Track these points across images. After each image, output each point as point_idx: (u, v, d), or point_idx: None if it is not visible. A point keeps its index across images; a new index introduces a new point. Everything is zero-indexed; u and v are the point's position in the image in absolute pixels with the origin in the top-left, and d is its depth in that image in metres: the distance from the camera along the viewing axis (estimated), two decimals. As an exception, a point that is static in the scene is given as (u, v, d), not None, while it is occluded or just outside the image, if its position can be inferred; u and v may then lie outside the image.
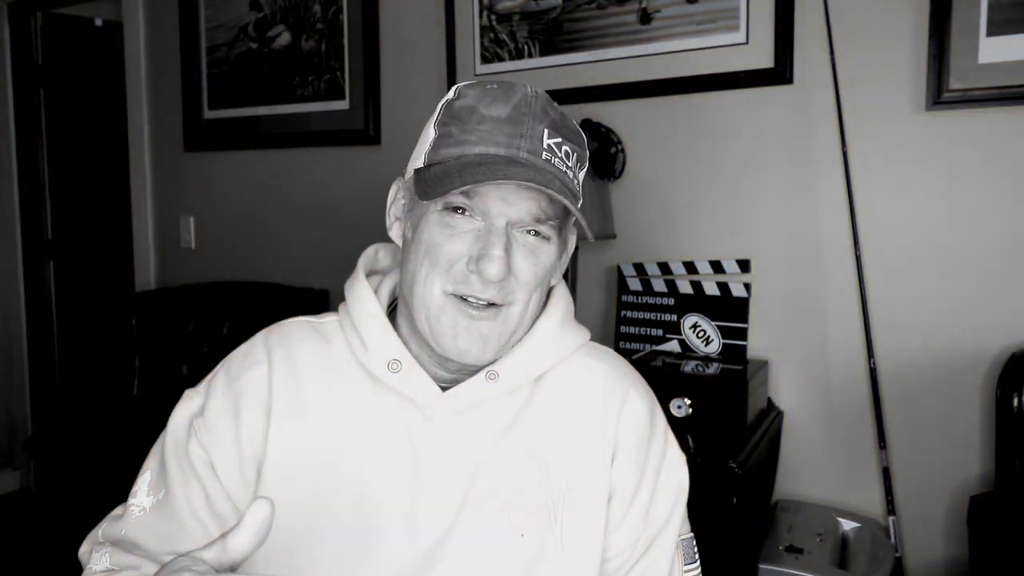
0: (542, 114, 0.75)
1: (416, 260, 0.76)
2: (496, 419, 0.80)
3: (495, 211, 0.73)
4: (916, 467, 1.69)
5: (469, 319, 0.75)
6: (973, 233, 1.61)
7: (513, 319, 0.77)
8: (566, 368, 0.84)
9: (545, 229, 0.76)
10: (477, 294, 0.74)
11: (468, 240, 0.74)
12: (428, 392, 0.79)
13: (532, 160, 0.73)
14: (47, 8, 3.26)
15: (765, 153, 1.80)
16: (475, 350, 0.75)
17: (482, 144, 0.73)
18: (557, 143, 0.75)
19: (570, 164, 0.77)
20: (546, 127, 0.75)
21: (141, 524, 0.79)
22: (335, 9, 2.39)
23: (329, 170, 2.47)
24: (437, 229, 0.75)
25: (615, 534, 0.82)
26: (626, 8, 1.91)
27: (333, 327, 0.85)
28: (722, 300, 1.78)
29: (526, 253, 0.75)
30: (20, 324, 3.38)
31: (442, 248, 0.74)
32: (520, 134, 0.74)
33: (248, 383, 0.80)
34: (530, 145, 0.74)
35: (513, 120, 0.74)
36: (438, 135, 0.77)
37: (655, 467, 0.84)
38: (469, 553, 0.76)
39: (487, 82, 0.78)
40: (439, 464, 0.78)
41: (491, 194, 0.73)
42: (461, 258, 0.74)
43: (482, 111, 0.75)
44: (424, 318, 0.76)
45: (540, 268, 0.77)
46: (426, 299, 0.76)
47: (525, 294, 0.77)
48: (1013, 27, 1.53)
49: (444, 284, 0.75)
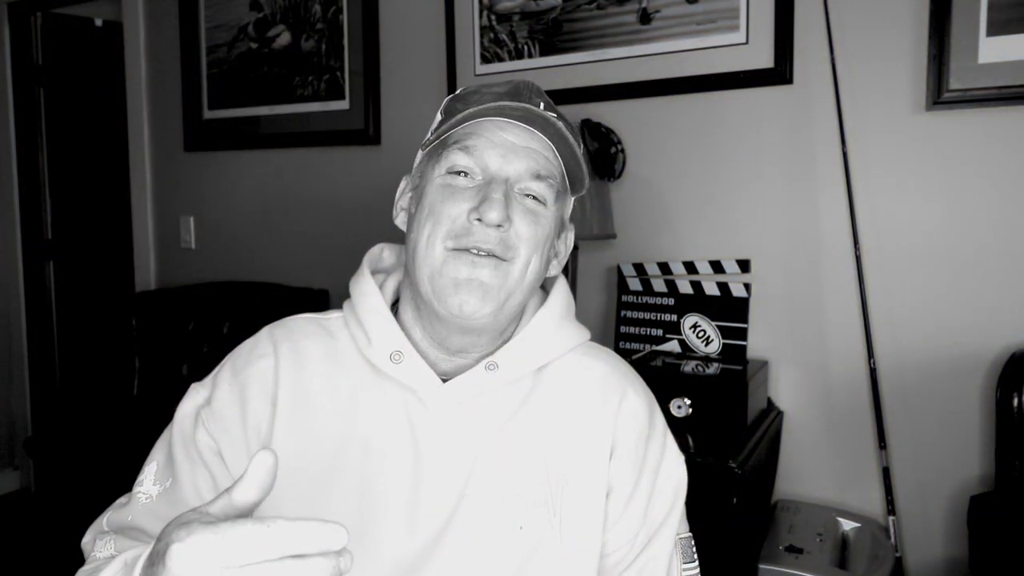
0: (538, 95, 0.81)
1: (420, 225, 0.79)
2: (496, 411, 0.82)
3: (494, 167, 0.77)
4: (916, 467, 1.69)
5: (471, 267, 0.76)
6: (973, 233, 1.61)
7: (514, 275, 0.78)
8: (566, 364, 0.86)
9: (543, 189, 0.79)
10: (479, 243, 0.76)
11: (470, 195, 0.77)
12: (429, 382, 0.80)
13: (529, 109, 0.78)
14: (47, 8, 3.26)
15: (765, 153, 1.80)
16: (474, 300, 0.76)
17: (483, 105, 0.79)
18: (553, 117, 0.80)
19: (565, 133, 0.81)
20: (542, 102, 0.81)
21: (148, 511, 0.79)
22: (335, 9, 2.39)
23: (329, 170, 2.47)
24: (439, 191, 0.78)
25: (613, 530, 0.83)
26: (626, 8, 1.91)
27: (337, 323, 0.87)
28: (722, 300, 1.78)
29: (524, 212, 0.78)
30: (20, 324, 3.38)
31: (444, 204, 0.77)
32: (519, 100, 0.79)
33: (254, 374, 0.82)
34: (528, 106, 0.79)
35: (513, 94, 0.80)
36: (443, 116, 0.83)
37: (653, 465, 0.85)
38: (468, 544, 0.77)
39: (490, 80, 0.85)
40: (440, 454, 0.79)
41: (490, 152, 0.77)
42: (463, 213, 0.77)
43: (484, 91, 0.81)
44: (427, 278, 0.78)
45: (539, 228, 0.79)
46: (430, 259, 0.77)
47: (526, 250, 0.78)
48: (1013, 27, 1.53)
49: (446, 241, 0.77)
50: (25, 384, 3.39)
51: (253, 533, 0.46)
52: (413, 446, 0.79)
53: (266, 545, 0.46)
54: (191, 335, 2.52)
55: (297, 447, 0.79)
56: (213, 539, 0.46)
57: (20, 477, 3.43)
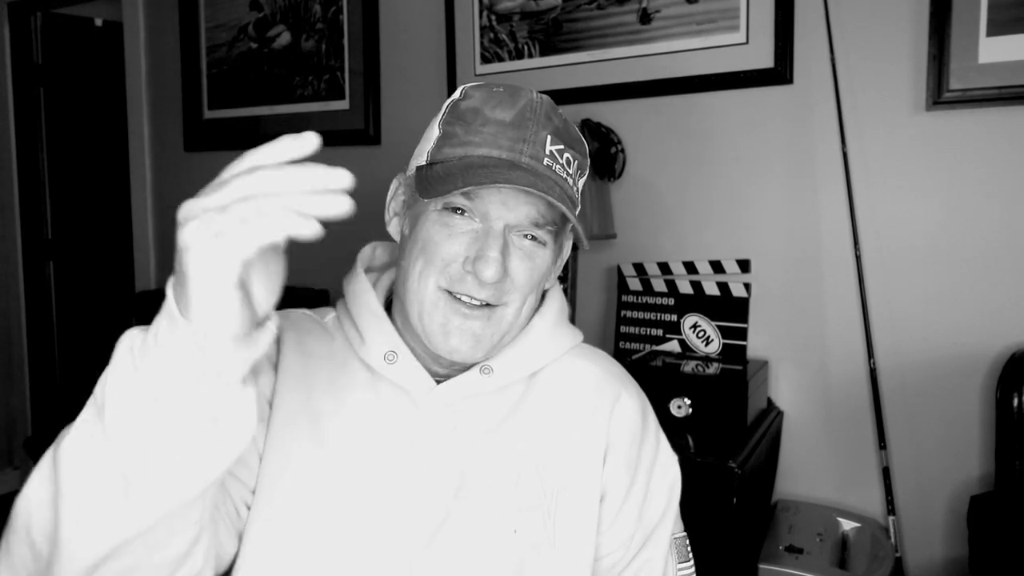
0: (546, 120, 0.76)
1: (412, 256, 0.77)
2: (489, 414, 0.81)
3: (494, 214, 0.75)
4: (916, 467, 1.69)
5: (462, 317, 0.76)
6: (973, 233, 1.61)
7: (507, 320, 0.78)
8: (559, 367, 0.86)
9: (542, 234, 0.77)
10: (472, 294, 0.75)
11: (466, 241, 0.75)
12: (423, 384, 0.80)
13: (533, 165, 0.74)
14: (47, 8, 3.26)
15: (765, 153, 1.80)
16: (466, 348, 0.76)
17: (485, 146, 0.75)
18: (559, 150, 0.76)
19: (571, 172, 0.78)
20: (549, 133, 0.76)
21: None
22: (335, 9, 2.39)
23: (329, 170, 2.47)
24: (436, 228, 0.76)
25: (609, 533, 0.83)
26: (626, 8, 1.91)
27: (332, 323, 0.86)
28: (722, 300, 1.78)
29: (522, 256, 0.77)
30: (20, 324, 3.38)
31: (440, 247, 0.75)
32: (523, 139, 0.75)
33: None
34: (532, 150, 0.75)
35: (517, 124, 0.75)
36: (442, 134, 0.78)
37: (647, 467, 0.85)
38: (462, 548, 0.77)
39: (494, 84, 0.80)
40: (433, 456, 0.79)
41: (491, 197, 0.74)
42: (458, 258, 0.75)
43: (487, 113, 0.76)
44: (417, 313, 0.77)
45: (536, 272, 0.78)
46: (420, 294, 0.77)
47: (520, 296, 0.78)
48: (1013, 27, 1.53)
49: (439, 280, 0.76)
50: (25, 384, 3.38)
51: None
52: (408, 447, 0.79)
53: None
54: (191, 335, 2.51)
55: (298, 444, 0.78)
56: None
57: (20, 477, 3.43)
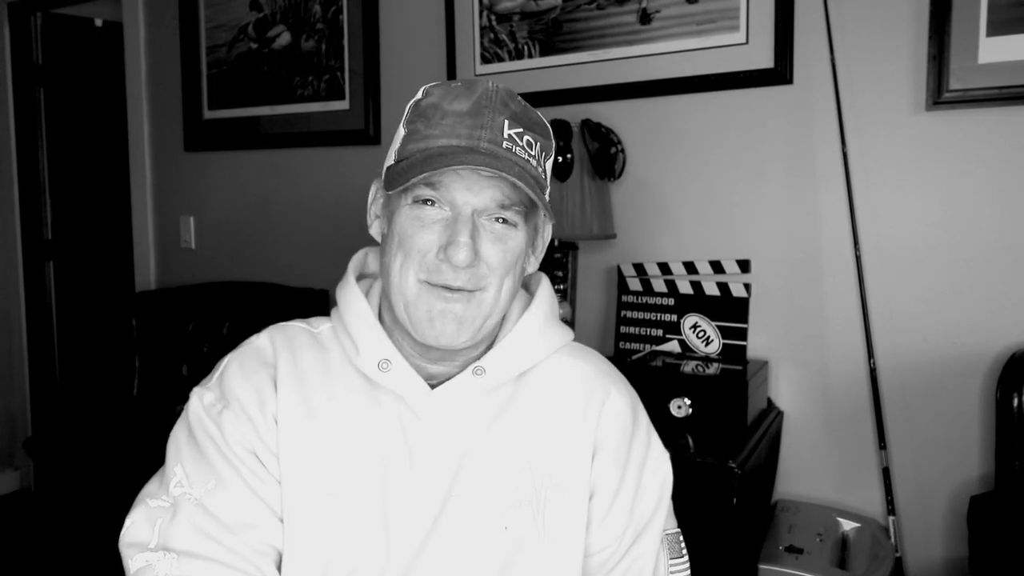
0: (502, 106, 0.78)
1: (391, 253, 0.79)
2: (481, 414, 0.82)
3: (460, 200, 0.77)
4: (916, 467, 1.69)
5: (444, 301, 0.77)
6: (973, 233, 1.61)
7: (487, 303, 0.79)
8: (549, 365, 0.87)
9: (511, 215, 0.79)
10: (449, 282, 0.77)
11: (437, 230, 0.77)
12: (418, 390, 0.81)
13: (492, 149, 0.76)
14: (47, 8, 3.26)
15: (765, 153, 1.80)
16: (450, 331, 0.78)
17: (444, 137, 0.77)
18: (518, 133, 0.78)
19: (532, 153, 0.79)
20: (506, 118, 0.78)
21: (200, 511, 0.76)
22: (335, 9, 2.39)
23: (329, 170, 2.47)
24: (408, 221, 0.78)
25: (600, 528, 0.84)
26: (626, 8, 1.91)
27: (328, 335, 0.87)
28: (722, 300, 1.78)
29: (493, 240, 0.78)
30: (20, 324, 3.38)
31: (413, 239, 0.77)
32: (480, 125, 0.77)
33: (263, 378, 0.81)
34: (490, 135, 0.77)
35: (473, 113, 0.77)
36: (406, 133, 0.81)
37: (638, 463, 0.86)
38: (453, 545, 0.78)
39: (453, 81, 0.82)
40: (429, 458, 0.80)
41: (456, 184, 0.76)
42: (431, 248, 0.77)
43: (445, 107, 0.78)
44: (402, 306, 0.79)
45: (509, 254, 0.79)
46: (402, 288, 0.78)
47: (497, 279, 0.79)
48: (1013, 27, 1.53)
49: (418, 272, 0.78)
50: (25, 384, 3.38)
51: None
52: (407, 451, 0.80)
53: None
54: (191, 335, 2.52)
55: (300, 454, 0.79)
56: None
57: (20, 477, 3.43)
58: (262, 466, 0.78)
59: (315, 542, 0.77)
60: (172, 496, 0.77)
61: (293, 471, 0.78)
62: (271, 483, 0.78)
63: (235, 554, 0.75)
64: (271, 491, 0.78)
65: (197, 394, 0.82)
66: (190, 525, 0.75)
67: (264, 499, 0.77)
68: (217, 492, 0.77)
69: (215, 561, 0.74)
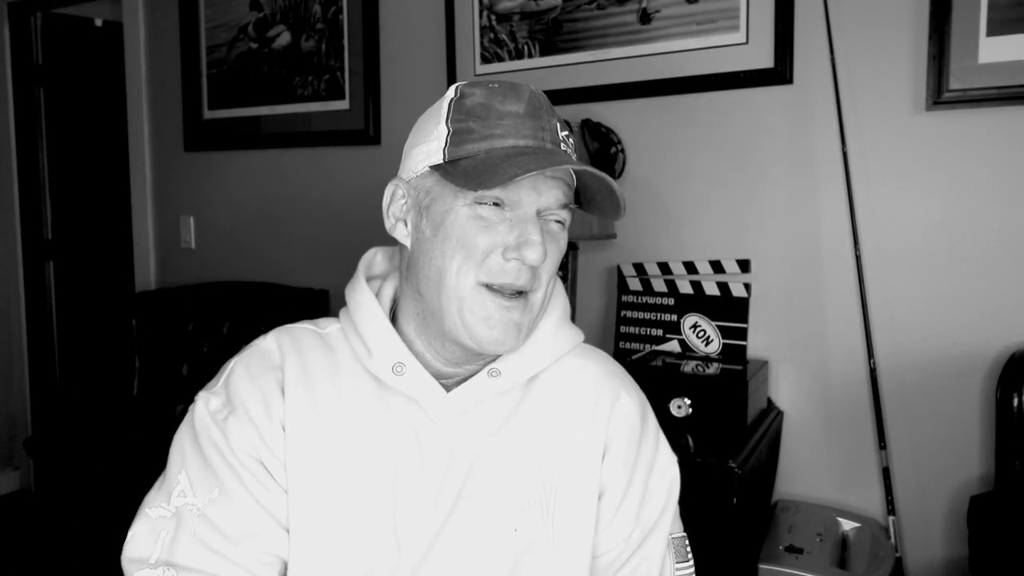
0: (550, 110, 0.80)
1: (446, 255, 0.77)
2: (493, 415, 0.82)
3: (527, 201, 0.76)
4: (916, 467, 1.69)
5: (504, 310, 0.77)
6: (973, 233, 1.61)
7: (536, 305, 0.80)
8: (559, 367, 0.87)
9: (565, 215, 0.80)
10: (513, 282, 0.76)
11: (502, 231, 0.76)
12: (433, 393, 0.80)
13: (555, 150, 0.78)
14: (47, 8, 3.26)
15: (765, 153, 1.80)
16: (510, 340, 0.78)
17: (510, 137, 0.77)
18: (565, 135, 0.81)
19: (576, 154, 0.82)
20: (556, 121, 0.80)
21: (202, 522, 0.76)
22: (335, 9, 2.39)
23: (329, 170, 2.47)
24: (470, 223, 0.76)
25: (607, 531, 0.84)
26: (626, 8, 1.91)
27: (337, 336, 0.85)
28: (722, 300, 1.78)
29: (551, 239, 0.79)
30: (20, 324, 3.38)
31: (476, 240, 0.76)
32: (542, 127, 0.78)
33: (269, 382, 0.80)
34: (552, 136, 0.78)
35: (532, 115, 0.78)
36: (453, 131, 0.78)
37: (646, 466, 0.86)
38: (463, 546, 0.78)
39: (487, 82, 0.81)
40: (441, 460, 0.79)
41: (524, 185, 0.76)
42: (496, 248, 0.76)
43: (499, 108, 0.78)
44: (456, 310, 0.77)
45: (559, 253, 0.81)
46: (459, 291, 0.76)
47: (547, 279, 0.80)
48: (1013, 27, 1.53)
49: (478, 275, 0.76)
50: (25, 384, 3.39)
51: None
52: (420, 454, 0.79)
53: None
54: (191, 335, 2.52)
55: (308, 457, 0.78)
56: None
57: (20, 477, 3.43)
58: (268, 474, 0.77)
59: (325, 547, 0.77)
60: (174, 506, 0.77)
61: (302, 476, 0.78)
62: (276, 492, 0.77)
63: (237, 565, 0.75)
64: (276, 500, 0.77)
65: (203, 399, 0.81)
66: (192, 538, 0.75)
67: (268, 508, 0.77)
68: (220, 501, 0.76)
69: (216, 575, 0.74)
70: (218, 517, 0.75)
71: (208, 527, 0.75)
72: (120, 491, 0.83)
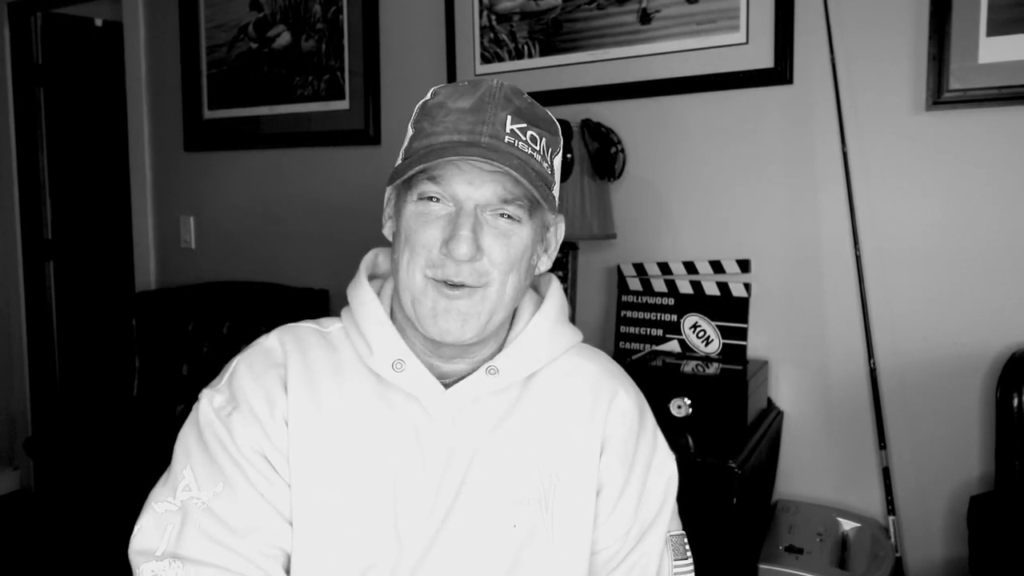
0: (505, 102, 0.79)
1: (401, 251, 0.80)
2: (491, 412, 0.83)
3: (462, 194, 0.77)
4: (916, 467, 1.69)
5: (447, 299, 0.78)
6: (973, 233, 1.61)
7: (491, 299, 0.79)
8: (558, 365, 0.88)
9: (514, 210, 0.79)
10: (451, 277, 0.77)
11: (441, 224, 0.78)
12: (432, 390, 0.81)
13: (493, 143, 0.76)
14: (47, 8, 3.26)
15: (765, 153, 1.80)
16: (455, 328, 0.78)
17: (447, 134, 0.78)
18: (521, 128, 0.79)
19: (537, 148, 0.80)
20: (509, 114, 0.78)
21: (208, 516, 0.76)
22: (335, 9, 2.39)
23: (329, 170, 2.47)
24: (413, 217, 0.79)
25: (605, 527, 0.85)
26: (626, 8, 1.91)
27: (338, 334, 0.87)
28: (722, 300, 1.78)
29: (497, 235, 0.78)
30: (20, 324, 3.38)
31: (418, 234, 0.78)
32: (482, 121, 0.77)
33: (272, 379, 0.81)
34: (492, 130, 0.77)
35: (476, 110, 0.78)
36: (413, 132, 0.82)
37: (644, 463, 0.87)
38: (462, 543, 0.79)
39: (461, 81, 0.84)
40: (441, 457, 0.80)
41: (457, 179, 0.77)
42: (435, 242, 0.77)
43: (449, 105, 0.79)
44: (409, 302, 0.79)
45: (513, 249, 0.79)
46: (409, 284, 0.79)
47: (500, 274, 0.79)
48: (1013, 27, 1.53)
49: (424, 268, 0.78)
50: (25, 384, 3.39)
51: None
52: (420, 451, 0.80)
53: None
54: (191, 335, 2.52)
55: (314, 457, 0.79)
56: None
57: (20, 477, 3.43)
58: (271, 468, 0.78)
59: (327, 542, 0.77)
60: (180, 500, 0.78)
61: (304, 471, 0.79)
62: (280, 485, 0.78)
63: (242, 558, 0.75)
64: (280, 493, 0.78)
65: (207, 396, 0.82)
66: (197, 531, 0.76)
67: (272, 501, 0.78)
68: (225, 495, 0.77)
69: (221, 567, 0.74)
70: (223, 510, 0.76)
71: (213, 520, 0.76)
72: (120, 491, 0.83)
